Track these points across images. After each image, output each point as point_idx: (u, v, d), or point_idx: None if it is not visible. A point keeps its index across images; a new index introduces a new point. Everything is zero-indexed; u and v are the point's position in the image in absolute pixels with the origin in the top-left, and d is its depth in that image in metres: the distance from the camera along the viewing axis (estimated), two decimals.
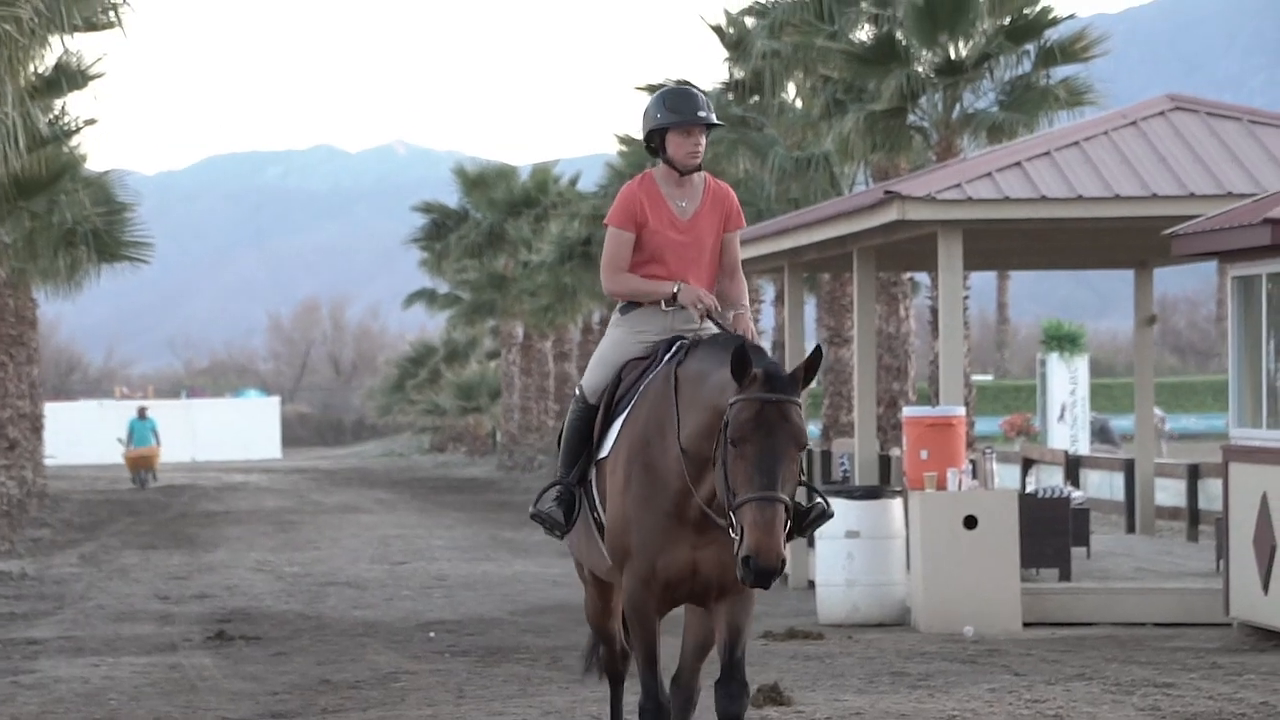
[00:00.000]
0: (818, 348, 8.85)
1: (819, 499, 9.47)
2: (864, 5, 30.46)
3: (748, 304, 9.71)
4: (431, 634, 17.94)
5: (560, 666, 15.43)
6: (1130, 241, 21.15)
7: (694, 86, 10.00)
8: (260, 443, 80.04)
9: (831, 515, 9.39)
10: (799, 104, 33.21)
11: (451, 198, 59.78)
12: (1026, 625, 17.65)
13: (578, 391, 9.74)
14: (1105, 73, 31.32)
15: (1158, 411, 48.20)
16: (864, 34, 30.54)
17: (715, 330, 9.51)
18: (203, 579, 24.00)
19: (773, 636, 16.93)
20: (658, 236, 9.61)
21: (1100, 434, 44.89)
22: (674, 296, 9.60)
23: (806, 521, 9.20)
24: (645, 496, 9.11)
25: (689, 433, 9.01)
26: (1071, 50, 29.16)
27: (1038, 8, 29.22)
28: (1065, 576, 18.57)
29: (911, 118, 29.65)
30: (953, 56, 29.30)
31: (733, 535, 8.69)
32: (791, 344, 23.42)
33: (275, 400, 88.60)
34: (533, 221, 56.54)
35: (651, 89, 37.47)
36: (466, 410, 71.00)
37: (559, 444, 9.79)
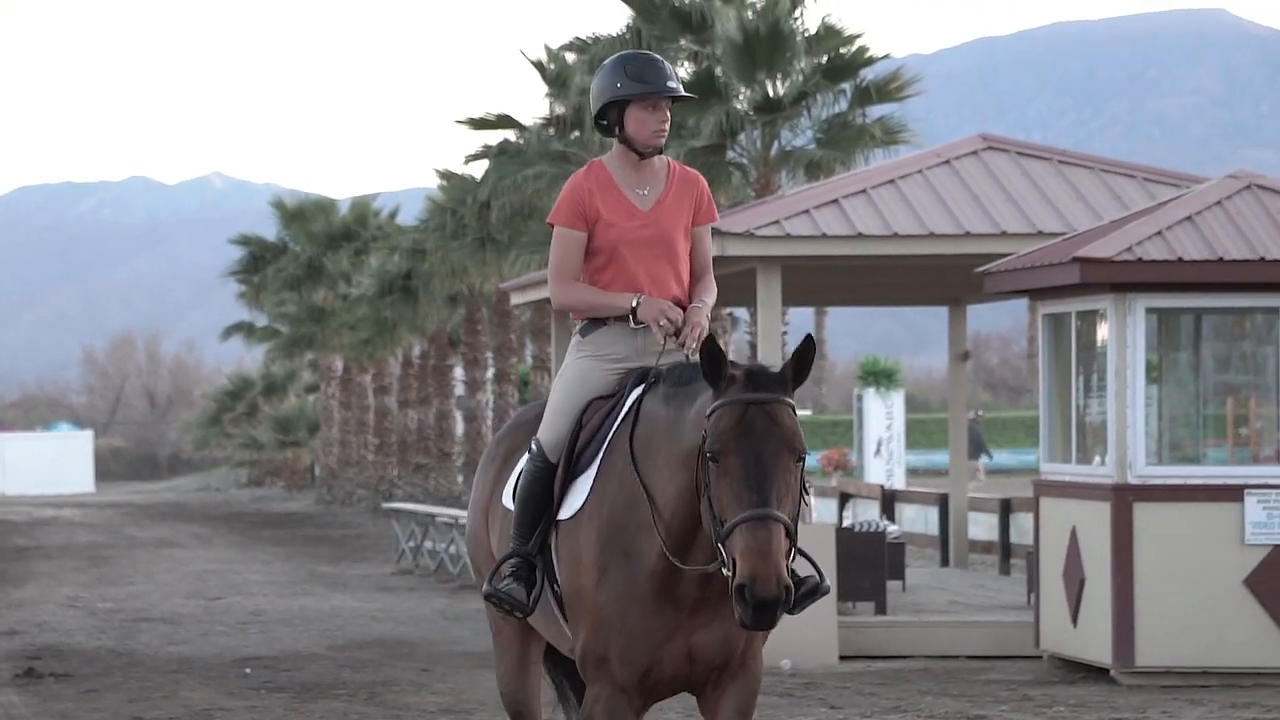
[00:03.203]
0: (808, 337, 7.24)
1: (813, 571, 7.58)
2: (683, 42, 30.69)
3: (710, 301, 8.00)
4: (247, 670, 17.74)
5: (378, 702, 15.32)
6: (944, 279, 21.45)
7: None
8: (73, 477, 78.74)
9: (828, 590, 7.54)
10: None
11: (270, 230, 59.33)
12: (843, 658, 17.80)
13: (534, 447, 7.91)
14: (919, 112, 31.80)
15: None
16: (684, 71, 30.74)
17: (677, 359, 7.81)
18: (11, 615, 23.56)
19: None
20: (614, 230, 7.94)
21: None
22: (634, 312, 7.84)
23: (797, 597, 7.27)
24: (627, 591, 7.41)
25: (666, 502, 7.37)
26: (887, 90, 29.55)
27: (853, 48, 29.60)
28: (881, 610, 18.75)
29: (731, 154, 29.89)
30: (771, 94, 29.58)
31: (725, 573, 7.06)
32: None
33: (88, 434, 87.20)
34: (352, 255, 56.25)
35: (473, 122, 37.25)
36: (285, 444, 70.35)
37: (515, 504, 7.96)
